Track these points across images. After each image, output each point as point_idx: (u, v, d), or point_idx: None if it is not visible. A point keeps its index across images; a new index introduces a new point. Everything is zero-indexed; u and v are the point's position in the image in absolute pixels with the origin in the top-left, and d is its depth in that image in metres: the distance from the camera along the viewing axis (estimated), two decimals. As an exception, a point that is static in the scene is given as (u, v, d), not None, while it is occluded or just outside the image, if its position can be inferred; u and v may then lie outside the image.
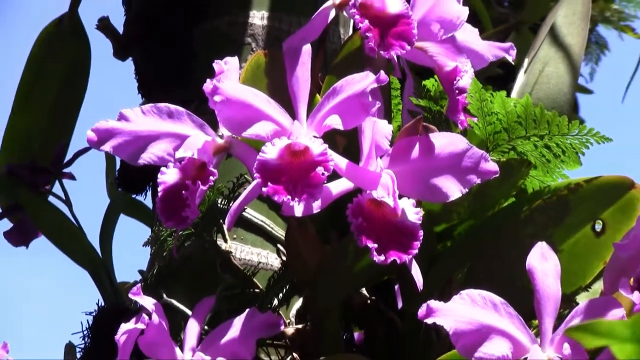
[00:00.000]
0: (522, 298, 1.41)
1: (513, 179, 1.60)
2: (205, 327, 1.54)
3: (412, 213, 1.39)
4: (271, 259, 1.77)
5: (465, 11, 1.67)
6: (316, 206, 1.42)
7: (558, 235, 1.54)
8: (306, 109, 1.49)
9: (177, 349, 1.48)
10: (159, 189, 1.49)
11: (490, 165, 1.45)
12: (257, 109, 1.47)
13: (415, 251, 1.39)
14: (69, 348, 2.05)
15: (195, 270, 1.76)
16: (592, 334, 0.73)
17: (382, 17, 1.54)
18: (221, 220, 1.71)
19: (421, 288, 1.48)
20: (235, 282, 1.73)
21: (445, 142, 1.46)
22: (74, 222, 2.28)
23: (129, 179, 2.27)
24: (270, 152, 1.40)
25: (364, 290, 1.72)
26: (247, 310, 1.53)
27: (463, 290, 1.38)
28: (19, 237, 2.31)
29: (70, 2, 2.35)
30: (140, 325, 1.48)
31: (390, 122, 1.49)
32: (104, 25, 2.16)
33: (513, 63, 1.83)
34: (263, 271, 1.75)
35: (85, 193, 2.37)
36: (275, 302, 1.71)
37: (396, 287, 1.69)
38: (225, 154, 1.53)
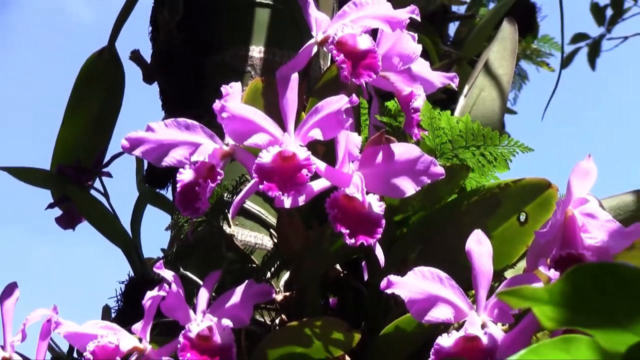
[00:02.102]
0: (462, 274, 1.40)
1: (456, 180, 1.59)
2: (213, 294, 1.53)
3: (377, 206, 1.40)
4: (265, 241, 1.76)
5: (419, 48, 1.67)
6: (301, 200, 1.41)
7: (490, 223, 1.54)
8: (294, 124, 1.49)
9: (191, 312, 1.47)
10: (178, 185, 1.49)
11: (438, 169, 1.45)
12: (256, 123, 1.47)
13: (379, 236, 1.40)
14: (106, 309, 2.04)
15: (205, 249, 1.75)
16: (519, 297, 0.73)
17: (354, 52, 1.54)
18: (226, 210, 1.70)
19: (383, 265, 1.48)
20: (237, 259, 1.72)
21: (403, 150, 1.46)
22: (110, 210, 2.27)
23: (154, 177, 2.26)
24: (266, 157, 1.41)
25: (337, 266, 1.71)
26: (246, 281, 1.52)
27: (416, 267, 1.38)
28: (67, 222, 2.30)
29: (109, 37, 2.34)
30: (162, 293, 1.48)
31: (359, 134, 1.49)
32: (135, 56, 2.16)
33: (456, 89, 1.83)
34: (259, 250, 1.74)
35: (119, 188, 2.36)
36: (268, 275, 1.70)
37: (363, 263, 1.68)
38: (230, 158, 1.52)
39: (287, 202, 1.40)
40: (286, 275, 1.71)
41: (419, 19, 1.63)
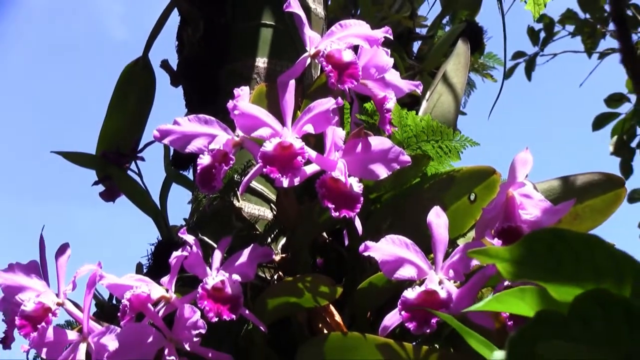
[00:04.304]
0: (424, 241, 1.39)
1: (419, 166, 1.59)
2: (225, 255, 1.52)
3: (356, 186, 1.40)
4: (267, 213, 1.75)
5: (391, 61, 1.66)
6: (296, 181, 1.41)
7: (446, 201, 1.53)
8: (291, 120, 1.48)
9: (208, 268, 1.46)
10: (198, 168, 1.49)
11: (405, 158, 1.45)
12: (260, 119, 1.47)
13: (358, 210, 1.40)
14: (139, 266, 2.03)
15: (219, 219, 1.74)
16: (485, 255, 0.75)
17: (340, 63, 1.53)
18: (236, 188, 1.69)
19: (361, 233, 1.49)
20: (244, 227, 1.71)
21: (378, 142, 1.46)
22: (144, 187, 2.26)
23: (178, 161, 2.26)
24: (268, 146, 1.41)
25: (324, 234, 1.70)
26: (251, 245, 1.51)
27: (387, 235, 1.38)
28: (109, 196, 2.29)
29: (143, 49, 2.33)
30: (185, 253, 1.47)
31: (343, 129, 1.49)
32: (164, 64, 2.14)
33: (420, 94, 1.83)
34: (262, 220, 1.73)
35: (151, 169, 2.35)
36: (269, 240, 1.69)
37: (345, 232, 1.67)
38: (239, 147, 1.52)
39: (285, 182, 1.39)
40: (283, 241, 1.70)
41: (392, 37, 1.63)
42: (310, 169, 1.45)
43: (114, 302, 1.89)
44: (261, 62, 1.93)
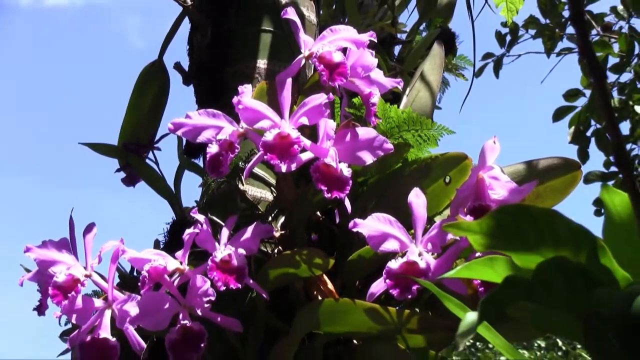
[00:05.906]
0: (405, 218, 1.39)
1: (401, 153, 1.58)
2: (231, 232, 1.52)
3: (346, 171, 1.40)
4: (268, 195, 1.74)
5: (376, 61, 1.65)
6: (293, 166, 1.41)
7: (425, 184, 1.52)
8: (288, 113, 1.48)
9: (216, 244, 1.46)
10: (207, 156, 1.49)
11: (389, 145, 1.45)
12: (262, 113, 1.47)
13: (347, 192, 1.40)
14: (156, 242, 2.02)
15: (226, 201, 1.73)
16: (458, 228, 0.75)
17: (331, 63, 1.53)
18: (241, 174, 1.68)
19: (350, 212, 1.49)
20: (247, 208, 1.70)
21: (364, 132, 1.46)
22: (160, 173, 2.25)
23: (190, 150, 2.25)
24: (269, 136, 1.41)
25: (318, 213, 1.69)
26: (254, 223, 1.51)
27: (373, 213, 1.37)
28: (129, 182, 2.28)
29: (158, 53, 2.31)
30: (196, 230, 1.47)
31: (334, 121, 1.48)
32: (177, 66, 2.13)
33: (401, 91, 1.83)
34: (263, 202, 1.72)
35: (166, 158, 2.34)
36: (270, 218, 1.68)
37: (336, 211, 1.66)
38: (243, 137, 1.52)
39: (283, 168, 1.39)
40: (282, 219, 1.69)
41: (376, 41, 1.62)
42: (306, 156, 1.45)
43: (135, 273, 1.88)
44: (262, 63, 1.91)
